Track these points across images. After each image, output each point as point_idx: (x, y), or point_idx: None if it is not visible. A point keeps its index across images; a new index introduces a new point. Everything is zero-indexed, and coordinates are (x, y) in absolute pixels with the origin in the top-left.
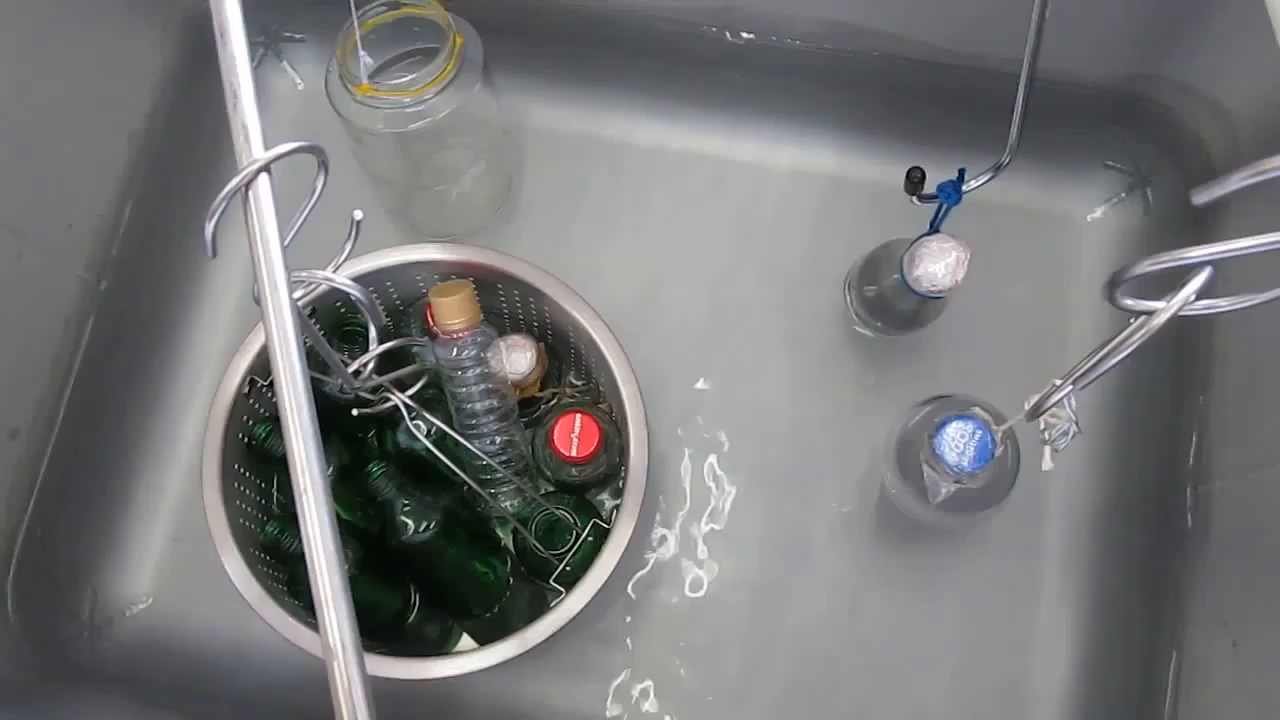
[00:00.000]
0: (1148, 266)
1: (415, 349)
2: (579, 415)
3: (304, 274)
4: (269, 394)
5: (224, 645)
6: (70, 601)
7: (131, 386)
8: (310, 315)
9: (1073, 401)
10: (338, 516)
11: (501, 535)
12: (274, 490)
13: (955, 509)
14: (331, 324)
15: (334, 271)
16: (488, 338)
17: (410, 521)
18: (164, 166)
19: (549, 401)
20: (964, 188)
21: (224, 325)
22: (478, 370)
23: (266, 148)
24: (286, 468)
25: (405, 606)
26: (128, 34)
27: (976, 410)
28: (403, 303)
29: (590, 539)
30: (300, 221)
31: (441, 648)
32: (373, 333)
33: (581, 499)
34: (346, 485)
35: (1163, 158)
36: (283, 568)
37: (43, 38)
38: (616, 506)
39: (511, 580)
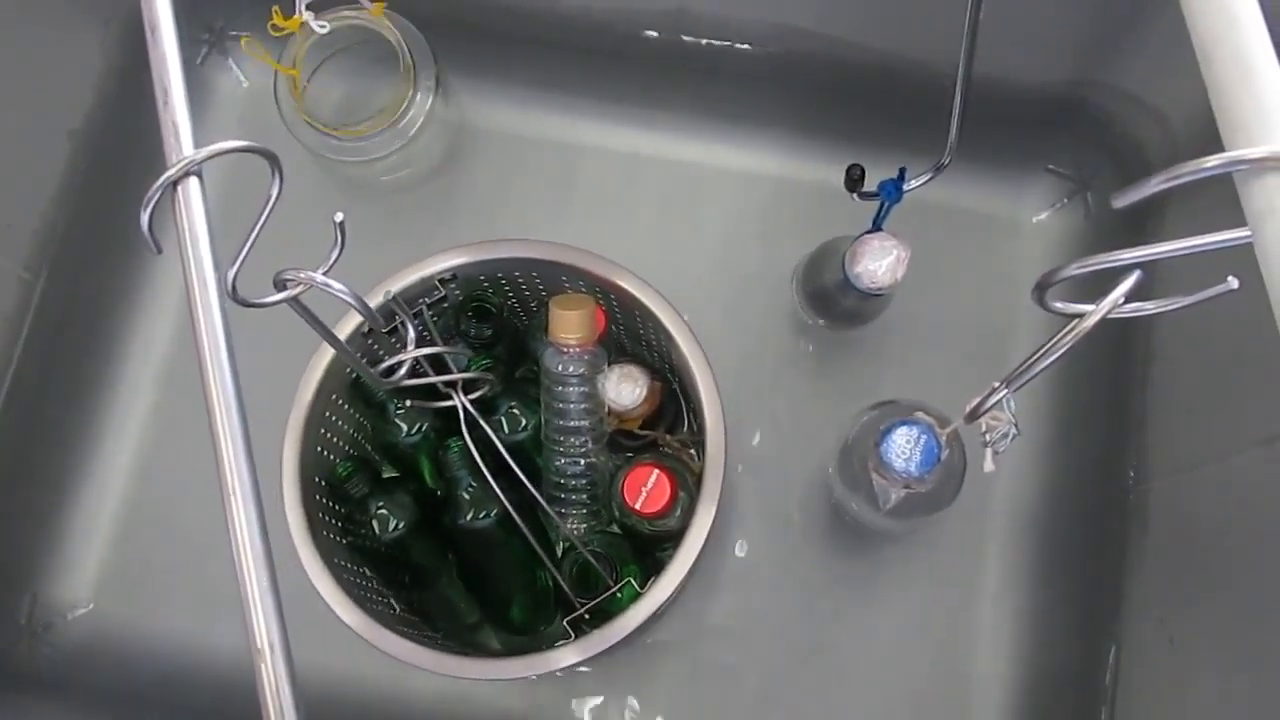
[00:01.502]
0: (1074, 270)
1: (535, 345)
2: (656, 470)
3: (302, 275)
4: (392, 339)
5: (166, 652)
6: (9, 606)
7: (73, 386)
8: (450, 279)
9: (1011, 404)
10: (418, 475)
11: (558, 552)
12: (362, 434)
13: (905, 513)
14: (468, 293)
15: (324, 274)
16: (598, 360)
17: (469, 504)
18: (105, 165)
19: (647, 443)
20: (905, 186)
21: (167, 324)
22: (580, 389)
23: (198, 146)
24: (382, 413)
25: (441, 581)
26: (69, 31)
27: (920, 415)
28: (548, 294)
29: (619, 596)
30: (258, 227)
31: (475, 634)
32: (410, 334)
33: (640, 550)
34: (430, 450)
35: (1104, 163)
36: (343, 506)
37: None
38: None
39: (557, 600)
